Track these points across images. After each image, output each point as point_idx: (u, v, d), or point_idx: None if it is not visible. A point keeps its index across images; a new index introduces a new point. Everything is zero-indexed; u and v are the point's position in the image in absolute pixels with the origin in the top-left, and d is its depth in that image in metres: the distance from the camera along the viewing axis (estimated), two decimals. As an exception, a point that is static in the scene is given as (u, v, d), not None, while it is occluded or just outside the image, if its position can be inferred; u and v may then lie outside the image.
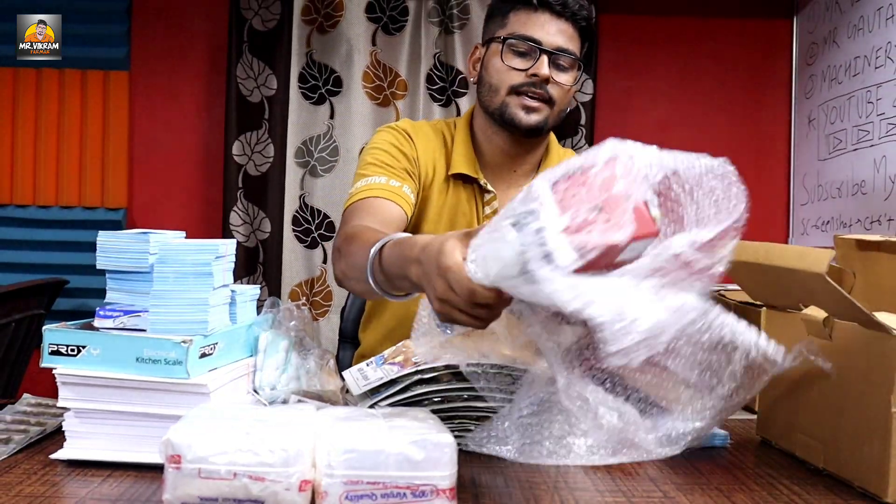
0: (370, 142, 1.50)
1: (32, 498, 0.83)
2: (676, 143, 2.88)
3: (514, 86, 1.40)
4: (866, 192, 2.22)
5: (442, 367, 1.04)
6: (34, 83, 2.76)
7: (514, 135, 1.45)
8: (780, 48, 2.84)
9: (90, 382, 0.94)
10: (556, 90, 1.41)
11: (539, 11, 1.40)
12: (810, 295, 0.98)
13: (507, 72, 1.41)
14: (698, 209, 0.84)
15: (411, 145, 1.48)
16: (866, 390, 0.90)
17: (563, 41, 1.41)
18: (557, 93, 1.41)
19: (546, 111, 1.42)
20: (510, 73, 1.41)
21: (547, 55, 1.39)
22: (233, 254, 1.05)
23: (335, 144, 2.76)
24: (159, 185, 2.80)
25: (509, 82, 1.41)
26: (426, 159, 1.48)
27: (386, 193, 1.38)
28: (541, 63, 1.39)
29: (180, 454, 0.76)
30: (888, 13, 2.14)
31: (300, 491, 0.77)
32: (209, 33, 2.84)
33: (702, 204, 0.85)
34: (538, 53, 1.39)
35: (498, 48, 1.42)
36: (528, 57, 1.40)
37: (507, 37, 1.41)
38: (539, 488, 0.91)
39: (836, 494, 0.92)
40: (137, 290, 0.99)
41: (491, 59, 1.44)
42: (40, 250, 2.75)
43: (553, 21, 1.40)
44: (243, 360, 1.06)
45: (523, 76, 1.40)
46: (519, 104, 1.41)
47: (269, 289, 2.74)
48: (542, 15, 1.40)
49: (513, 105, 1.41)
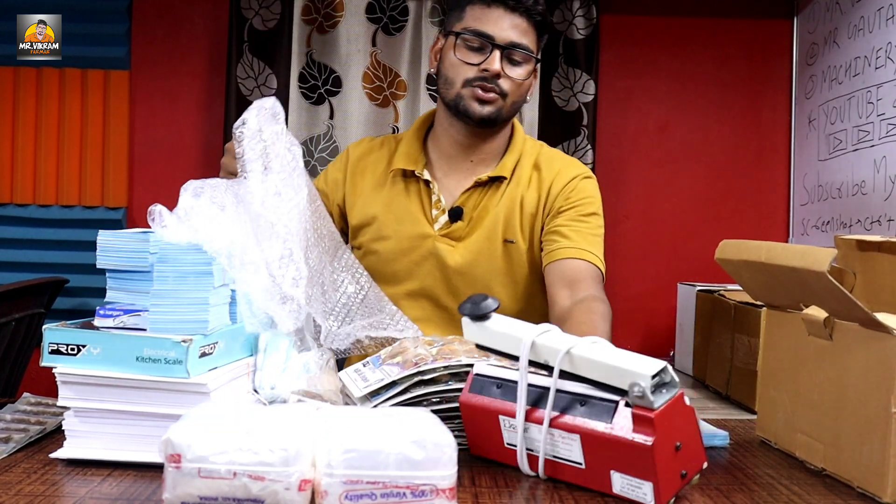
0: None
1: (32, 497, 0.83)
2: (677, 142, 2.90)
3: (468, 79, 1.45)
4: (866, 192, 2.22)
5: (441, 367, 1.04)
6: (34, 83, 2.76)
7: (469, 125, 1.50)
8: (781, 48, 2.83)
9: (90, 381, 0.94)
10: (508, 84, 1.46)
11: (493, 6, 1.45)
12: (811, 294, 0.98)
13: (461, 66, 1.46)
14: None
15: (342, 165, 1.61)
16: (866, 390, 0.90)
17: (517, 36, 1.45)
18: (510, 86, 1.46)
19: (500, 103, 1.47)
20: (464, 66, 1.46)
21: (499, 50, 1.44)
22: (233, 253, 1.05)
23: (335, 145, 2.76)
24: (159, 184, 2.80)
25: (463, 76, 1.46)
26: (356, 168, 1.59)
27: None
28: (492, 58, 1.44)
29: (180, 453, 0.76)
30: (888, 13, 2.14)
31: (300, 490, 0.77)
32: (209, 33, 2.83)
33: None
34: (490, 49, 1.44)
35: (453, 42, 1.47)
36: (481, 52, 1.45)
37: (461, 31, 1.46)
38: (539, 488, 0.91)
39: (836, 495, 0.91)
40: (137, 289, 0.99)
41: (447, 52, 1.49)
42: (40, 249, 2.75)
43: (507, 16, 1.44)
44: (243, 359, 1.05)
45: (476, 70, 1.45)
46: (472, 95, 1.46)
47: (269, 288, 2.74)
48: (496, 10, 1.45)
49: (467, 97, 1.46)
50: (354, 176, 1.60)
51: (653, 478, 0.83)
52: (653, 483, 0.83)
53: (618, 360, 0.87)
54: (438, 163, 1.57)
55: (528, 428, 0.92)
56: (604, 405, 0.87)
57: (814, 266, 0.91)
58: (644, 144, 2.88)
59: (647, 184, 2.87)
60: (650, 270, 2.84)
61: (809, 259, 0.92)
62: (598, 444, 0.86)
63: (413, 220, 1.53)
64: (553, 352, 0.91)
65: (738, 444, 1.13)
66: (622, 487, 0.86)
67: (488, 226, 1.52)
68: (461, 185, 1.55)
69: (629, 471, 0.84)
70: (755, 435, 1.16)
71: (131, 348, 0.93)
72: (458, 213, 1.52)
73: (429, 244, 1.53)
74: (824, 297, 0.95)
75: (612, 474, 0.86)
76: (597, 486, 0.88)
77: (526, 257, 1.54)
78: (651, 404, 0.82)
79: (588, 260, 1.46)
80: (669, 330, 2.38)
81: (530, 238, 1.54)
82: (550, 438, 0.90)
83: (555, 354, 0.90)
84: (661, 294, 2.75)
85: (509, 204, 1.53)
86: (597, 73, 2.77)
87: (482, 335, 1.00)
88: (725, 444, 1.11)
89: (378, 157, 1.61)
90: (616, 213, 2.79)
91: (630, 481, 0.85)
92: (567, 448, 0.89)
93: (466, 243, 1.52)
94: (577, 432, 0.88)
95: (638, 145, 2.88)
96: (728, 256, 1.11)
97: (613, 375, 0.86)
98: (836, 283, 0.89)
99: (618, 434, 0.84)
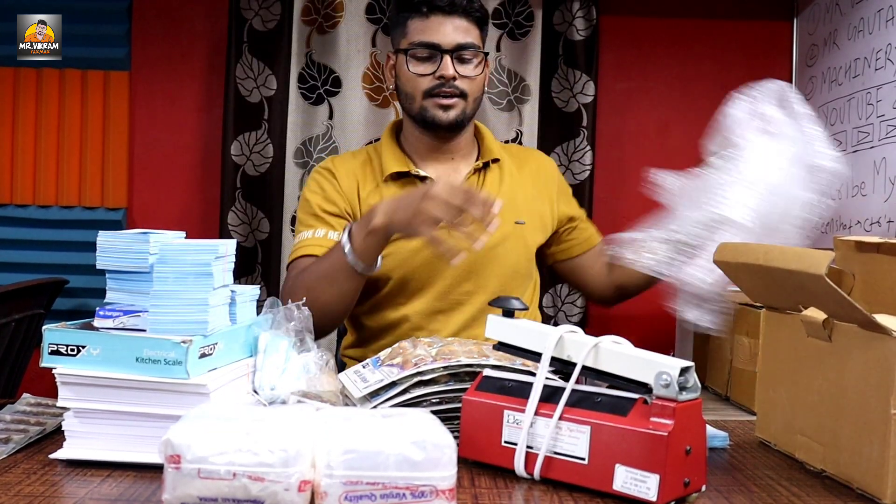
0: (303, 190, 1.64)
1: (32, 497, 0.83)
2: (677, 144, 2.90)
3: (426, 90, 1.52)
4: (866, 193, 2.23)
5: (441, 368, 1.04)
6: (34, 83, 2.75)
7: (439, 132, 1.56)
8: (781, 50, 2.83)
9: (90, 382, 0.94)
10: (466, 83, 1.53)
11: (431, 16, 1.51)
12: (810, 296, 0.98)
13: (417, 79, 1.53)
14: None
15: (333, 181, 1.60)
16: (866, 392, 0.90)
17: (461, 36, 1.51)
18: (468, 85, 1.53)
19: (462, 104, 1.54)
20: (419, 79, 1.52)
21: (448, 55, 1.50)
22: (233, 254, 1.05)
23: (335, 145, 2.76)
24: (159, 184, 2.80)
25: (421, 88, 1.52)
26: (349, 184, 1.59)
27: (323, 249, 1.49)
28: (444, 64, 1.50)
29: (180, 454, 0.76)
30: (888, 15, 2.14)
31: (300, 491, 0.77)
32: (209, 34, 2.83)
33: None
34: (440, 56, 1.50)
35: (403, 58, 1.53)
36: (431, 60, 1.52)
37: (408, 47, 1.52)
38: (538, 489, 0.91)
39: (836, 496, 0.92)
40: (137, 290, 0.99)
41: (400, 69, 1.56)
42: (40, 250, 2.75)
43: (446, 20, 1.51)
44: (243, 360, 1.06)
45: (431, 79, 1.51)
46: (435, 104, 1.52)
47: (268, 289, 2.74)
48: (435, 18, 1.51)
49: (430, 107, 1.53)
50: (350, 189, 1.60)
51: (661, 469, 0.83)
52: (659, 476, 0.83)
53: (645, 355, 0.89)
54: (423, 161, 1.61)
55: (534, 422, 0.92)
56: (620, 401, 0.89)
57: (811, 269, 0.91)
58: (644, 146, 2.87)
59: (646, 185, 2.87)
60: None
61: (807, 261, 0.92)
62: (608, 435, 0.87)
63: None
64: (579, 346, 0.93)
65: (737, 445, 1.13)
66: (624, 482, 0.86)
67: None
68: (453, 177, 1.60)
69: (637, 463, 0.84)
70: (755, 436, 1.16)
71: (131, 349, 0.93)
72: None
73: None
74: (823, 299, 0.95)
75: (616, 468, 0.86)
76: (595, 483, 0.88)
77: (530, 239, 1.63)
78: (675, 395, 0.83)
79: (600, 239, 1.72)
80: (670, 331, 2.38)
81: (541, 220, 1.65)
82: (556, 432, 0.90)
83: (580, 349, 0.92)
84: (661, 295, 2.74)
85: (511, 185, 1.61)
86: (596, 75, 2.77)
87: (507, 332, 1.02)
88: (725, 446, 1.11)
89: (362, 166, 1.62)
90: (616, 215, 2.79)
91: (635, 475, 0.85)
92: (572, 442, 0.89)
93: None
94: (588, 424, 0.88)
95: (638, 147, 2.87)
96: (726, 259, 1.11)
97: (640, 368, 0.87)
98: (834, 286, 0.89)
99: (632, 425, 0.85)
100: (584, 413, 0.89)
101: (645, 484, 0.84)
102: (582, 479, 0.89)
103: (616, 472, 0.86)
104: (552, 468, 0.91)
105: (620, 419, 0.86)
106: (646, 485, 0.84)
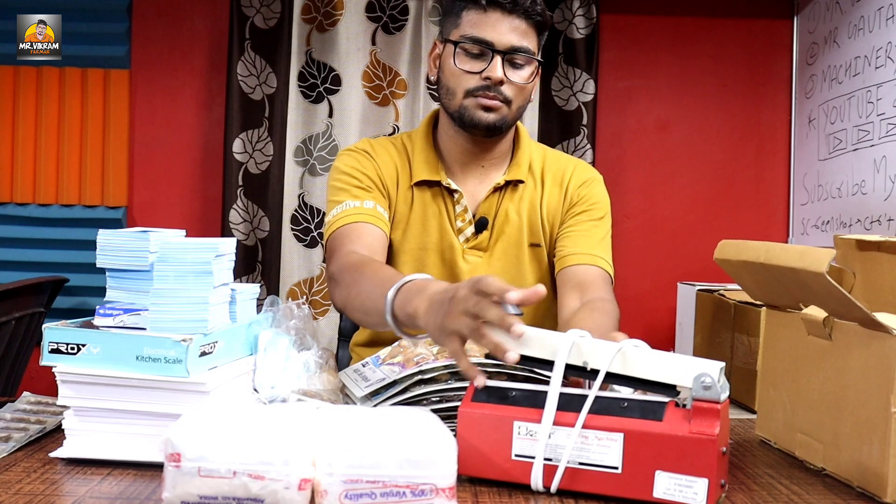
0: (334, 167, 1.52)
1: (32, 496, 0.83)
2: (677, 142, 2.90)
3: (470, 89, 1.39)
4: (866, 192, 2.22)
5: (441, 367, 1.04)
6: (34, 82, 2.76)
7: (476, 134, 1.45)
8: (781, 48, 2.83)
9: (90, 381, 0.94)
10: (512, 90, 1.40)
11: (490, 10, 1.38)
12: (811, 294, 0.98)
13: (462, 75, 1.40)
14: None
15: (372, 162, 1.49)
16: (866, 390, 0.90)
17: (517, 39, 1.38)
18: (513, 92, 1.40)
19: (504, 110, 1.41)
20: (464, 76, 1.39)
21: (500, 56, 1.37)
22: (233, 252, 1.05)
23: (334, 143, 2.75)
24: (159, 183, 2.80)
25: (465, 86, 1.40)
26: (388, 172, 1.49)
27: (364, 217, 1.41)
28: (493, 66, 1.37)
29: (180, 452, 0.76)
30: (888, 13, 2.14)
31: (300, 490, 0.77)
32: (210, 31, 2.83)
33: None
34: (491, 55, 1.37)
35: (451, 50, 1.41)
36: (481, 59, 1.38)
37: (459, 39, 1.39)
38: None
39: (836, 494, 0.92)
40: (137, 288, 0.99)
41: (446, 60, 1.43)
42: (40, 248, 2.75)
43: (505, 19, 1.38)
44: (243, 358, 1.06)
45: (478, 79, 1.38)
46: (476, 105, 1.40)
47: (269, 287, 2.74)
48: (493, 14, 1.38)
49: (471, 107, 1.40)
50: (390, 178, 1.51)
51: (710, 473, 0.81)
52: (708, 479, 0.81)
53: (676, 357, 0.86)
54: (453, 168, 1.51)
55: (552, 433, 0.87)
56: (649, 404, 0.85)
57: (812, 267, 0.91)
58: (644, 144, 2.88)
59: (646, 183, 2.87)
60: (650, 270, 2.84)
61: (808, 259, 0.92)
62: (645, 441, 0.83)
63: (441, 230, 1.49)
64: (597, 351, 0.89)
65: (737, 443, 1.13)
66: (667, 489, 0.82)
67: (513, 232, 1.49)
68: (479, 190, 1.51)
69: (681, 469, 0.82)
70: (755, 434, 1.16)
71: (131, 347, 0.93)
72: (484, 224, 1.48)
73: (456, 257, 1.48)
74: (823, 297, 0.95)
75: (656, 475, 0.83)
76: (631, 492, 0.84)
77: (548, 260, 1.52)
78: (718, 396, 0.82)
79: (599, 265, 1.45)
80: (669, 330, 2.38)
81: (550, 239, 1.52)
82: (582, 442, 0.86)
83: (598, 354, 0.88)
84: (661, 294, 2.75)
85: (530, 207, 1.51)
86: (596, 73, 2.77)
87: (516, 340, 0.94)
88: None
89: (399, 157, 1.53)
90: (616, 213, 2.77)
91: (679, 481, 0.82)
92: (602, 451, 0.85)
93: (495, 252, 1.49)
94: (621, 431, 0.84)
95: (638, 145, 2.87)
96: (727, 257, 1.11)
97: (674, 371, 0.84)
98: (835, 284, 0.89)
99: (673, 430, 0.82)
100: (612, 420, 0.85)
101: (692, 489, 0.81)
102: (615, 489, 0.85)
103: (657, 480, 0.83)
104: (577, 480, 0.86)
105: (656, 424, 0.83)
106: (692, 490, 0.81)
